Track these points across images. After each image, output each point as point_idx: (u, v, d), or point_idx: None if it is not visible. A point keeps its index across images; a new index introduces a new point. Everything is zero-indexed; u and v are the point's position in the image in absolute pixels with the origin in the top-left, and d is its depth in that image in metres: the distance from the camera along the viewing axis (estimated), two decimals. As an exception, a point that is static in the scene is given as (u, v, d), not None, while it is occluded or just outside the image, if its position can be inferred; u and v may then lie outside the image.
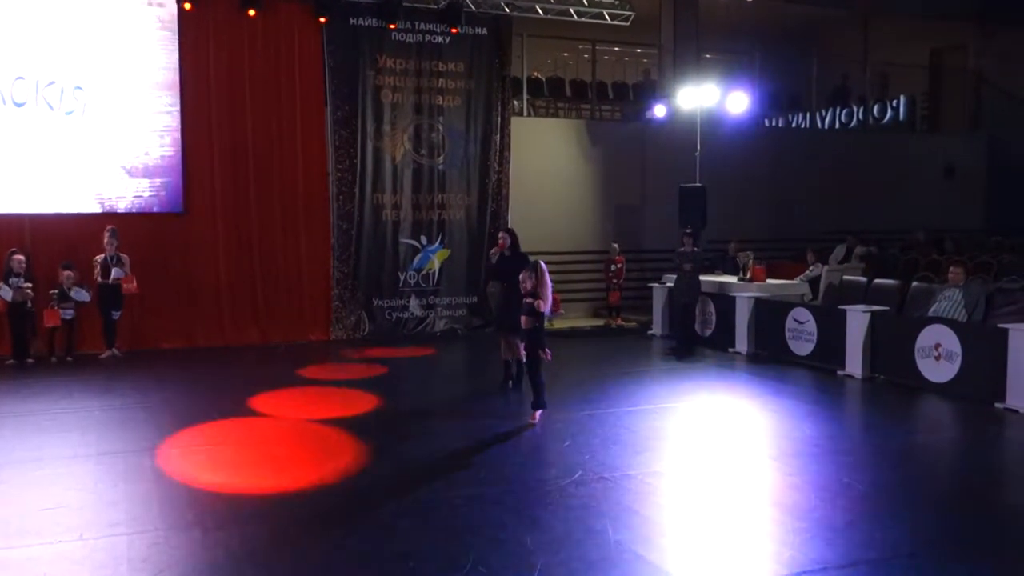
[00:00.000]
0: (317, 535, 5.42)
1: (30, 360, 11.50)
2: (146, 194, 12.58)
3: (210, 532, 5.41)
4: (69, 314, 11.69)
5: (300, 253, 13.43)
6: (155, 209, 12.62)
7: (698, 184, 14.86)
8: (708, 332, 13.00)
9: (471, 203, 14.50)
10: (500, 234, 10.30)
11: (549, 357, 8.09)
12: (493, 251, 10.29)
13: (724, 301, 12.78)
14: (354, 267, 13.71)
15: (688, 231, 13.31)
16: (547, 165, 15.87)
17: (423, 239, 14.22)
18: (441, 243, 14.32)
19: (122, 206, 12.46)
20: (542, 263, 8.04)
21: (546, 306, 7.96)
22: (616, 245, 15.37)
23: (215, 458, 7.13)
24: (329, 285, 13.57)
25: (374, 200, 13.86)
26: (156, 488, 6.32)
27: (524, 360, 8.07)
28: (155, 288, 12.45)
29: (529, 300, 7.94)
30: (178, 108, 12.63)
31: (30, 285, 11.50)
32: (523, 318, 8.02)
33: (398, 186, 14.00)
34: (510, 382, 9.65)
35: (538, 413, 8.10)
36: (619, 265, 15.18)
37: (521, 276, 8.07)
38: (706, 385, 10.20)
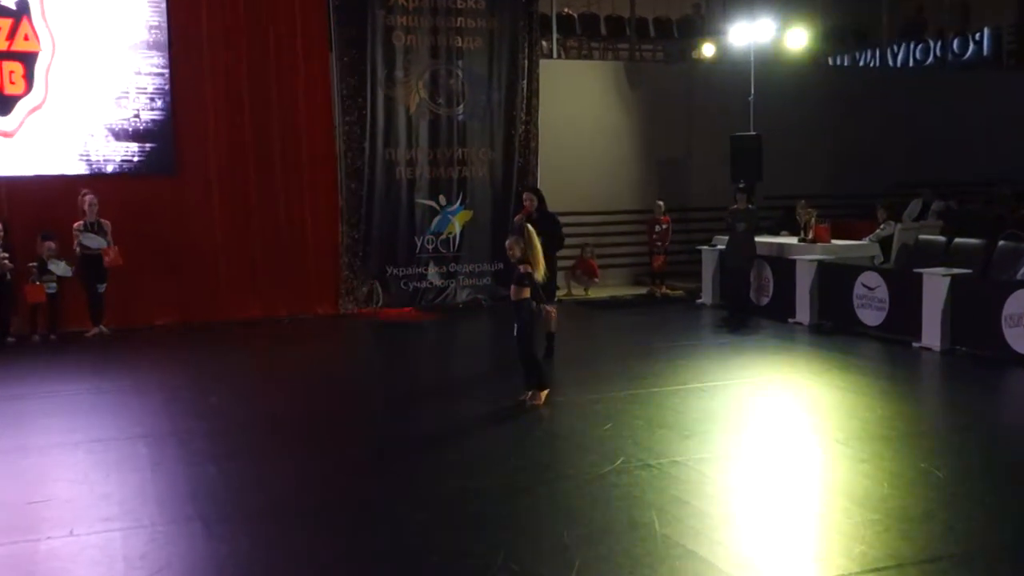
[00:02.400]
0: (329, 528, 5.48)
1: (10, 339, 11.66)
2: (133, 155, 12.64)
3: (212, 527, 5.48)
4: (52, 288, 11.81)
5: (304, 217, 13.47)
6: (143, 170, 12.69)
7: (752, 133, 14.73)
8: (765, 300, 12.93)
9: (495, 158, 14.45)
10: (525, 195, 10.30)
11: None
12: (519, 216, 10.31)
13: (783, 265, 12.69)
14: (365, 232, 13.74)
15: (741, 186, 13.24)
16: (581, 114, 15.77)
17: (442, 199, 14.20)
18: (462, 203, 14.31)
19: (108, 168, 12.53)
20: (528, 226, 8.14)
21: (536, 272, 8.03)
22: (661, 204, 15.27)
23: (218, 445, 7.21)
24: (337, 252, 13.61)
25: (386, 156, 13.84)
26: (152, 478, 6.41)
27: (515, 333, 8.07)
28: (145, 259, 12.53)
29: (521, 268, 7.96)
30: (167, 62, 12.63)
31: (7, 256, 11.63)
32: (512, 288, 8.09)
33: (413, 140, 13.96)
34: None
35: (543, 393, 8.12)
36: (664, 226, 15.08)
37: (508, 243, 8.14)
38: (763, 360, 10.15)
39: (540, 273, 8.02)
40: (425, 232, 14.15)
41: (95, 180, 12.33)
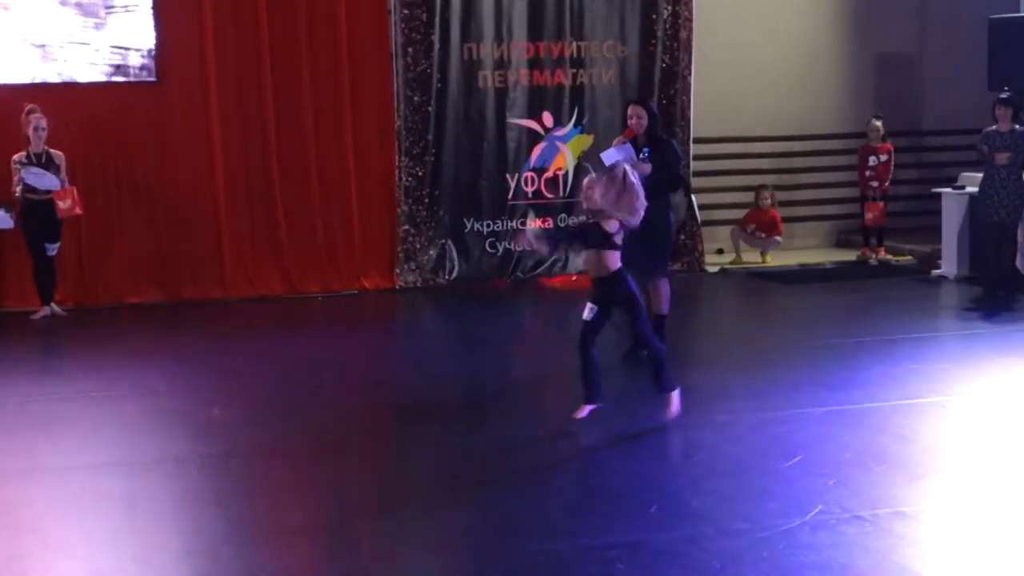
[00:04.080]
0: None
1: (-72, 324, 12.11)
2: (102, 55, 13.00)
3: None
4: (-17, 249, 12.22)
5: (344, 146, 13.63)
6: (112, 76, 13.00)
7: (1023, 14, 14.39)
8: (1039, 271, 12.71)
9: (628, 56, 14.43)
10: (630, 109, 10.17)
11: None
12: (619, 139, 10.24)
13: (1069, 217, 12.42)
14: (433, 168, 13.87)
15: (1004, 97, 12.95)
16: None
17: (547, 118, 14.25)
18: (578, 126, 14.32)
19: (58, 72, 12.88)
20: (625, 166, 7.92)
21: (633, 219, 7.82)
22: (878, 124, 15.05)
23: (220, 478, 7.37)
24: (393, 199, 13.77)
25: (464, 55, 13.93)
26: (129, 524, 6.57)
27: (588, 318, 8.01)
28: (115, 207, 12.89)
29: (606, 224, 7.81)
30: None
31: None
32: (590, 257, 7.97)
33: (504, 30, 14.02)
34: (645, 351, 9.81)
35: (587, 408, 8.09)
36: (883, 158, 14.89)
37: (585, 183, 8.09)
38: (1037, 362, 10.01)
39: (635, 218, 7.81)
40: (523, 168, 14.22)
41: (39, 91, 12.57)
